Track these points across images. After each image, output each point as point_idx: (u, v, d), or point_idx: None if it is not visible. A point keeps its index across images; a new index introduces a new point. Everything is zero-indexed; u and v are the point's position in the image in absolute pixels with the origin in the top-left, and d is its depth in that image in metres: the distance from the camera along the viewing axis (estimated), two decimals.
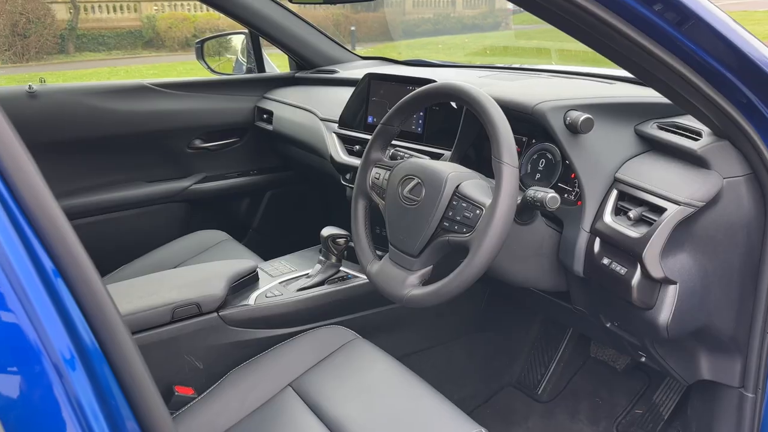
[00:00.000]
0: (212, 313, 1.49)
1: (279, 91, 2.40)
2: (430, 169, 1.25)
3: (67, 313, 0.62)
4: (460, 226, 1.17)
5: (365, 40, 13.06)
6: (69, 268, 0.62)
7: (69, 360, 0.61)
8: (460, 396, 1.88)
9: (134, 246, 2.19)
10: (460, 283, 1.15)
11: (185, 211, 2.37)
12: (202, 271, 1.58)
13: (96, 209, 2.17)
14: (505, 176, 1.12)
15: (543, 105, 1.28)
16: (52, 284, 0.61)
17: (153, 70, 11.15)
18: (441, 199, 1.20)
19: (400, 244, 1.28)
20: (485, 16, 15.14)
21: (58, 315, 0.61)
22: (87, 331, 0.63)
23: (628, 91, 1.49)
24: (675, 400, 1.68)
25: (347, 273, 1.69)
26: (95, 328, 0.64)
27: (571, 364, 1.95)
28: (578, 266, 1.27)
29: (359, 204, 1.43)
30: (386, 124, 1.40)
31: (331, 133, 1.95)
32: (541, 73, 1.93)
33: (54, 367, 0.59)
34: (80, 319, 0.63)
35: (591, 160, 1.27)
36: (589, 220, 1.25)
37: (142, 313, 1.39)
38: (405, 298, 1.24)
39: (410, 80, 1.74)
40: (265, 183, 2.52)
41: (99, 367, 0.64)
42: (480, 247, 1.11)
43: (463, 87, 1.22)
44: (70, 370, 0.60)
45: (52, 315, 0.60)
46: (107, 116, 2.11)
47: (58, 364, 0.59)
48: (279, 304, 1.55)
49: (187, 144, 2.33)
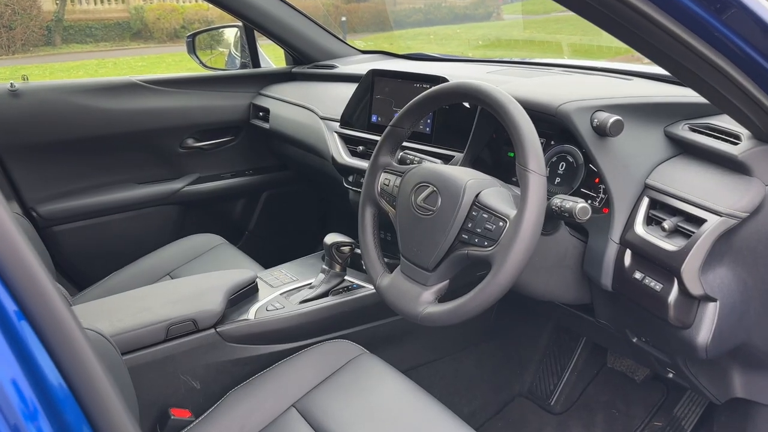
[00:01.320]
0: (209, 330, 1.39)
1: (275, 87, 2.29)
2: (447, 176, 1.15)
3: (32, 360, 0.52)
4: (481, 239, 1.08)
5: (356, 31, 12.91)
6: (35, 309, 0.53)
7: (31, 414, 0.51)
8: (470, 409, 1.80)
9: (124, 252, 2.09)
10: (482, 302, 1.05)
11: (178, 213, 2.26)
12: (198, 284, 1.47)
13: (83, 213, 2.06)
14: (532, 185, 1.02)
15: (568, 105, 1.19)
16: (14, 329, 0.52)
17: (141, 62, 11.01)
18: (459, 209, 1.11)
19: (413, 257, 1.19)
20: (476, 6, 15.01)
21: (20, 364, 0.51)
22: (56, 377, 0.54)
23: (651, 89, 1.40)
24: (698, 414, 1.60)
25: (352, 282, 1.60)
26: (66, 373, 0.54)
27: (584, 373, 1.87)
28: (606, 280, 1.18)
29: (367, 212, 1.34)
30: (396, 126, 1.30)
31: (332, 133, 1.84)
32: (553, 68, 1.83)
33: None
34: (48, 366, 0.53)
35: (620, 165, 1.17)
36: (619, 230, 1.16)
37: (134, 332, 1.29)
38: (420, 316, 1.15)
39: (417, 77, 1.64)
40: (262, 183, 2.41)
41: (71, 417, 0.54)
42: (504, 263, 1.02)
43: (483, 87, 1.12)
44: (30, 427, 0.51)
45: (11, 365, 0.51)
46: (94, 115, 2.00)
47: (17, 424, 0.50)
48: (281, 318, 1.45)
49: (179, 143, 2.22)
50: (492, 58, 2.12)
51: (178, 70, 10.23)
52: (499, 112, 1.09)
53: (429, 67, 1.99)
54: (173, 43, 12.33)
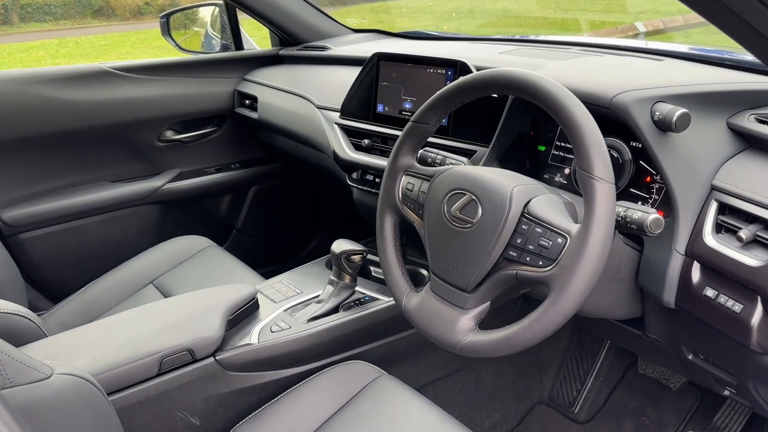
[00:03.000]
0: (208, 358, 1.22)
1: (261, 71, 2.09)
2: (487, 182, 0.99)
3: None
4: (534, 257, 0.92)
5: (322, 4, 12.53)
6: None
7: None
8: (491, 422, 1.66)
9: (101, 259, 1.90)
10: (539, 332, 0.90)
11: (158, 214, 2.06)
12: (191, 304, 1.29)
13: (53, 218, 1.85)
14: (600, 196, 0.86)
15: (624, 96, 1.02)
16: None
17: (104, 41, 10.59)
18: (506, 222, 0.94)
19: (447, 276, 1.02)
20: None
21: None
22: None
23: (697, 72, 1.25)
24: (741, 424, 1.48)
25: (364, 294, 1.43)
26: None
27: (609, 378, 1.74)
28: (669, 296, 1.03)
29: (387, 220, 1.17)
30: (419, 121, 1.12)
31: (332, 125, 1.65)
32: (571, 47, 1.67)
33: None
34: None
35: (684, 164, 1.02)
36: (684, 239, 1.01)
37: (121, 368, 1.11)
38: (459, 345, 0.99)
39: (429, 61, 1.46)
40: (249, 178, 2.21)
41: None
42: (567, 287, 0.86)
43: (531, 78, 0.95)
44: None
45: None
46: (61, 108, 1.78)
47: None
48: (288, 341, 1.28)
49: (157, 136, 2.01)
50: (501, 36, 1.95)
51: (143, 48, 9.84)
52: (553, 107, 0.92)
53: (435, 48, 1.81)
54: (137, 20, 11.87)
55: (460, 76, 1.41)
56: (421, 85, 1.47)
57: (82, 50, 9.84)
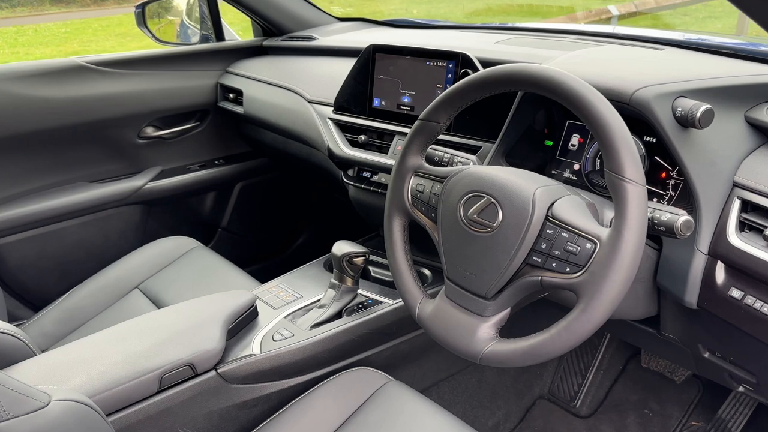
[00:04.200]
0: (209, 372, 1.16)
1: (245, 63, 2.01)
2: (507, 183, 0.94)
3: None
4: (561, 263, 0.88)
5: None
6: None
7: None
8: (494, 421, 1.63)
9: (83, 263, 1.82)
10: (567, 341, 0.87)
11: (140, 214, 1.97)
12: (189, 315, 1.23)
13: (29, 222, 1.75)
14: (632, 199, 0.82)
15: (646, 92, 0.98)
16: None
17: (65, 28, 10.25)
18: (529, 226, 0.90)
19: (464, 282, 0.98)
20: None
21: None
22: None
23: (711, 65, 1.22)
24: (746, 415, 1.48)
25: (367, 298, 1.38)
26: None
27: (610, 371, 1.73)
28: (691, 297, 1.00)
29: (395, 223, 1.12)
30: (428, 119, 1.07)
31: (325, 120, 1.59)
32: (567, 36, 1.64)
33: None
34: None
35: (706, 160, 0.99)
36: (707, 238, 0.98)
37: (120, 387, 1.04)
38: (481, 355, 0.95)
39: (429, 53, 1.40)
40: (234, 174, 2.13)
41: None
42: (598, 295, 0.83)
43: (554, 75, 0.90)
44: None
45: None
46: (34, 106, 1.68)
47: None
48: (292, 350, 1.22)
49: (136, 133, 1.92)
50: (494, 24, 1.90)
51: (105, 36, 9.55)
52: (578, 106, 0.88)
53: (426, 37, 1.75)
54: (98, 6, 11.53)
55: (462, 69, 1.36)
56: (420, 78, 1.42)
57: (42, 38, 9.51)
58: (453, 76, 1.37)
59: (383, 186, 1.49)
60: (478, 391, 1.62)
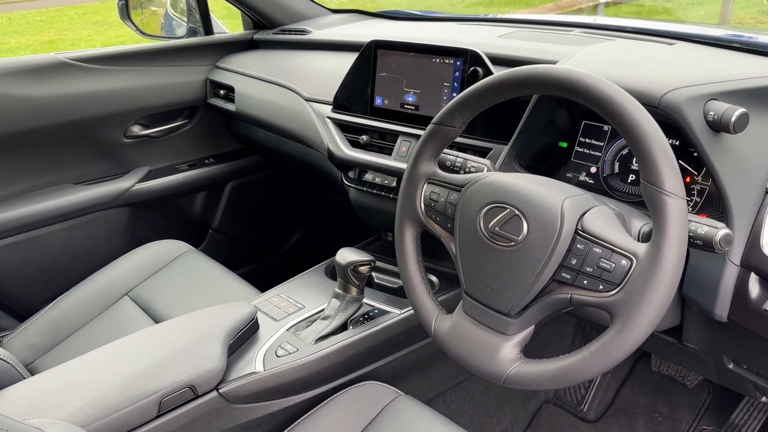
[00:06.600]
0: (211, 392, 1.09)
1: (235, 58, 1.92)
2: (531, 194, 0.88)
3: None
4: (594, 280, 0.82)
5: None
6: None
7: None
8: (501, 427, 1.59)
9: (69, 270, 1.74)
10: (602, 364, 0.81)
11: (128, 217, 1.89)
12: (187, 330, 1.16)
13: (12, 228, 1.66)
14: (672, 214, 0.77)
15: (676, 95, 0.93)
16: None
17: (40, 16, 10.00)
18: (558, 241, 0.84)
19: (485, 298, 0.92)
20: None
21: None
22: None
23: (733, 63, 1.17)
24: (761, 420, 1.45)
25: (372, 307, 1.32)
26: None
27: (616, 374, 1.69)
28: (722, 310, 0.95)
29: (407, 234, 1.05)
30: (442, 123, 1.01)
31: (324, 119, 1.52)
32: (572, 29, 1.58)
33: None
34: None
35: (739, 167, 0.94)
36: (740, 248, 0.93)
37: (117, 414, 0.97)
38: (506, 377, 0.90)
39: (434, 50, 1.33)
40: (225, 173, 2.05)
41: None
42: (636, 316, 0.78)
43: (582, 78, 0.84)
44: None
45: None
46: (14, 105, 1.59)
47: None
48: (297, 366, 1.16)
49: (122, 132, 1.83)
50: (494, 16, 1.84)
51: (82, 24, 9.30)
52: (611, 112, 0.82)
53: (426, 31, 1.69)
54: None
55: (470, 67, 1.30)
56: (425, 76, 1.35)
57: (16, 27, 9.26)
58: (461, 74, 1.30)
59: (386, 189, 1.43)
60: (485, 399, 1.58)
